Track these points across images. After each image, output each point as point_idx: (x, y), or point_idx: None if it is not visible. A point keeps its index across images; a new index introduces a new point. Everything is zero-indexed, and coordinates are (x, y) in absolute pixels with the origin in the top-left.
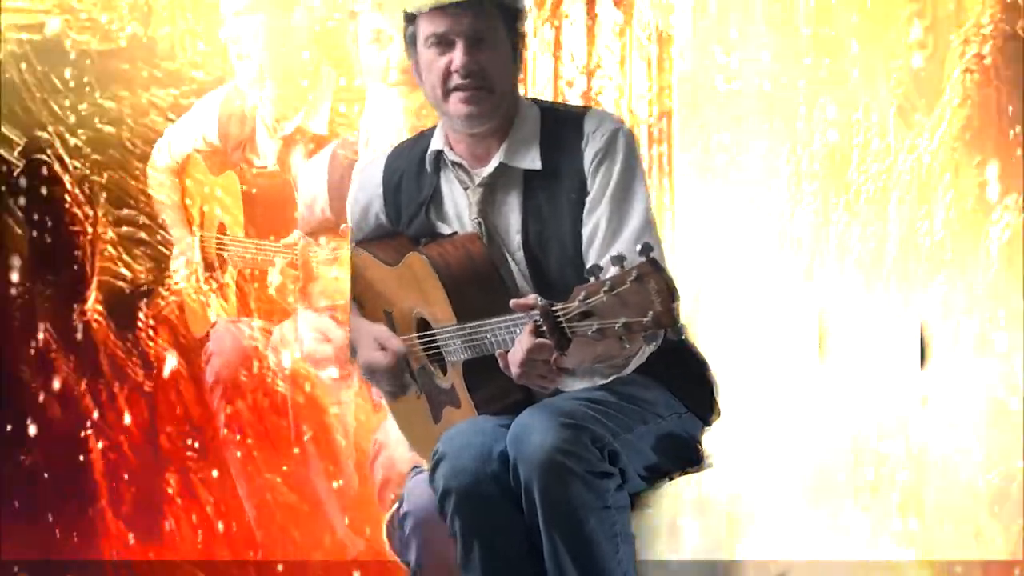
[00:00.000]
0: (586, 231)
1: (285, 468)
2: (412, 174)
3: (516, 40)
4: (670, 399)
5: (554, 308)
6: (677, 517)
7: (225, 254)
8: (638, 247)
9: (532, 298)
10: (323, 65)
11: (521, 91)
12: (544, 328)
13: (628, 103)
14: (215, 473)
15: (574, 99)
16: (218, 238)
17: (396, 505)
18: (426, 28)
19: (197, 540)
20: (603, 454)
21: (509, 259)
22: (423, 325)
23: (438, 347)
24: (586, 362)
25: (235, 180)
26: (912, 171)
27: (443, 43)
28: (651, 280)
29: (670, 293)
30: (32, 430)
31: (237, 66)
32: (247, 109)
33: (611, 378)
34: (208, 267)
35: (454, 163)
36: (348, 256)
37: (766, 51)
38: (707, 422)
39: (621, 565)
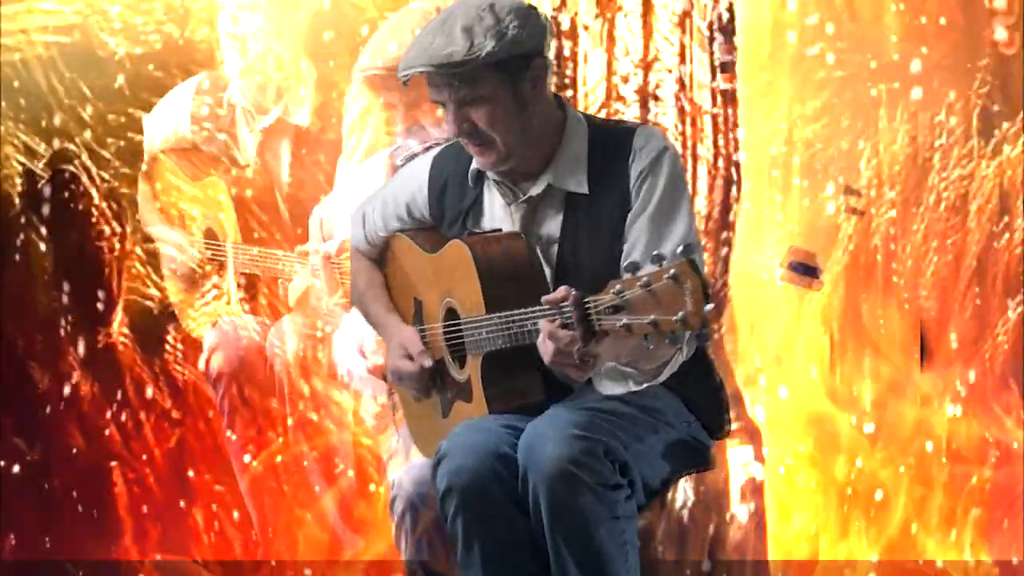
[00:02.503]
0: (626, 246)
1: (281, 460)
2: (457, 181)
3: (523, 76)
4: (680, 408)
5: (585, 300)
6: None
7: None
8: (679, 248)
9: (563, 290)
10: (302, 59)
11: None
12: (571, 319)
13: (689, 94)
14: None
15: (629, 95)
16: (213, 244)
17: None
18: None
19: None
20: (615, 466)
21: (545, 269)
22: (451, 315)
23: (461, 338)
24: (622, 358)
25: (221, 185)
26: (994, 177)
27: (439, 103)
28: (688, 280)
29: (704, 295)
30: (54, 459)
31: (227, 55)
32: (225, 101)
33: (644, 385)
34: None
35: (497, 181)
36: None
37: (844, 42)
38: (716, 436)
39: (629, 574)
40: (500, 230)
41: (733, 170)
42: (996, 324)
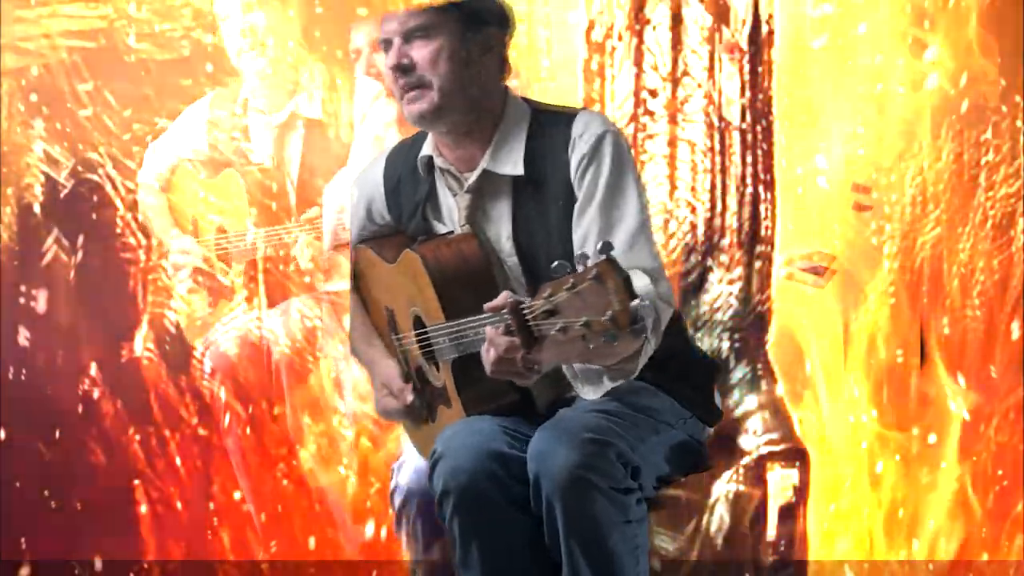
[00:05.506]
0: (576, 237)
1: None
2: (408, 176)
3: (476, 41)
4: (675, 405)
5: (521, 306)
6: None
7: (234, 249)
8: (598, 245)
9: (503, 297)
10: (309, 55)
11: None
12: (512, 326)
13: (718, 110)
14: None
15: (658, 109)
16: (218, 240)
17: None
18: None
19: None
20: (627, 470)
21: (504, 263)
22: (418, 323)
23: (430, 345)
24: (572, 359)
25: (235, 176)
26: None
27: (387, 46)
28: (609, 280)
29: (628, 293)
30: (75, 478)
31: (239, 57)
32: (238, 106)
33: (620, 382)
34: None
35: (442, 169)
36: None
37: (882, 55)
38: (710, 425)
39: None
40: (452, 232)
41: (762, 188)
42: None
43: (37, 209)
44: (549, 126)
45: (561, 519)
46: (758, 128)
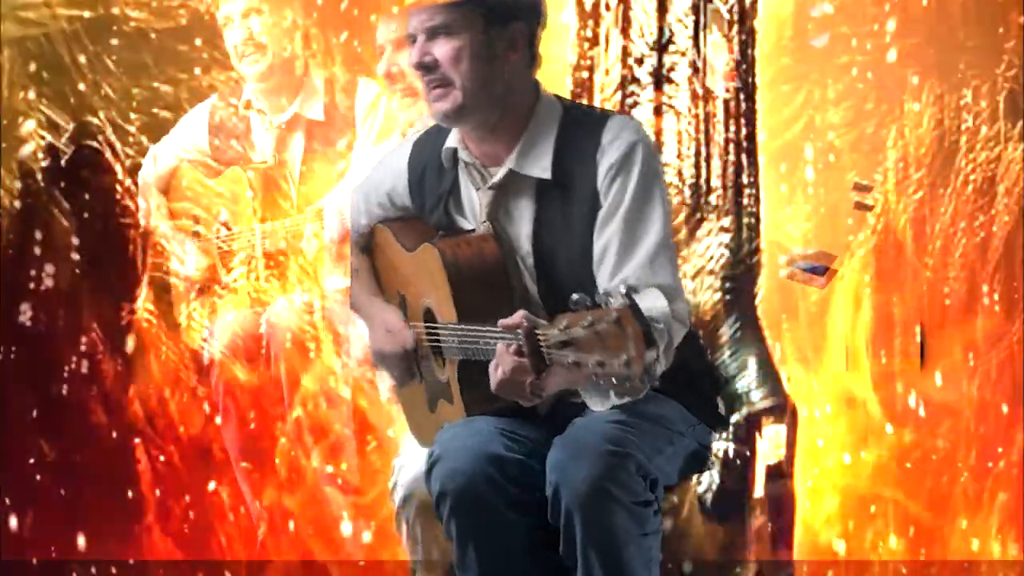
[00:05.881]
0: (597, 247)
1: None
2: (434, 166)
3: (502, 37)
4: (684, 412)
5: (537, 331)
6: None
7: (238, 245)
8: (623, 288)
9: (519, 316)
10: (310, 57)
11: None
12: (524, 349)
13: (702, 79)
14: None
15: (643, 77)
16: (223, 238)
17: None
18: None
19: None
20: (646, 482)
21: (520, 263)
22: (429, 316)
23: (439, 340)
24: (576, 386)
25: (240, 174)
26: (1021, 160)
27: (412, 41)
28: (628, 326)
29: (645, 342)
30: (76, 437)
31: (240, 61)
32: (240, 109)
33: (625, 399)
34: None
35: (467, 163)
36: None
37: (868, 25)
38: (716, 430)
39: None
40: (474, 230)
41: (744, 156)
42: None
43: (39, 175)
44: (579, 128)
45: (580, 530)
46: (741, 97)
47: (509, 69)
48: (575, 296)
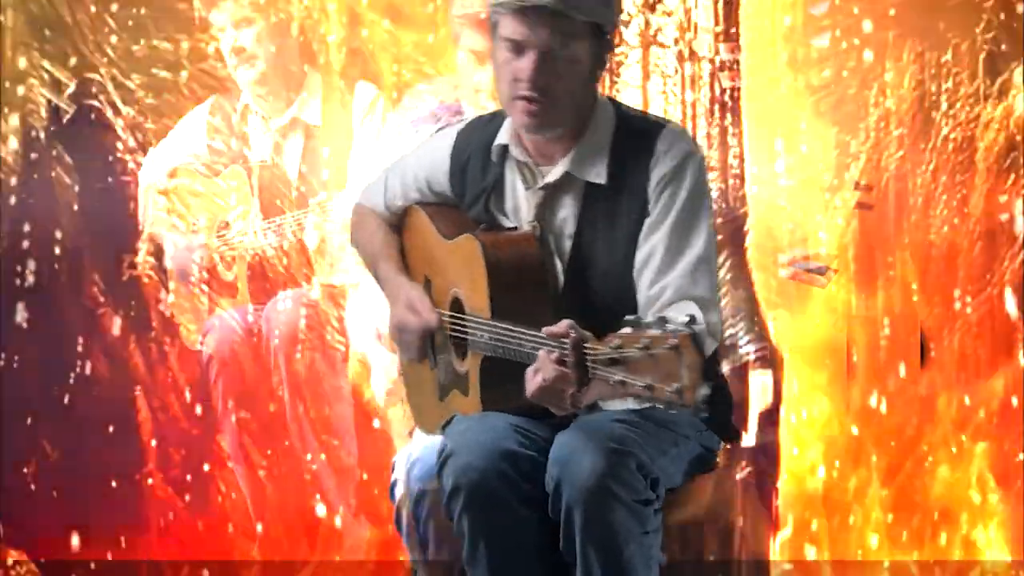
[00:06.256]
0: (641, 254)
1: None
2: (479, 158)
3: (601, 53)
4: (691, 417)
5: (585, 345)
6: None
7: (238, 243)
8: (686, 317)
9: (564, 326)
10: (305, 64)
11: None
12: (569, 360)
13: (689, 41)
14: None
15: (631, 39)
16: (223, 236)
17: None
18: (504, 29)
19: (248, 508)
20: (647, 481)
21: (557, 262)
22: (456, 305)
23: (465, 331)
24: (606, 399)
25: (242, 173)
26: (1000, 119)
27: (516, 49)
28: (686, 355)
29: (700, 374)
30: (79, 388)
31: (235, 70)
32: (237, 112)
33: (645, 406)
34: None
35: (519, 161)
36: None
37: None
38: (725, 440)
39: None
40: (516, 228)
41: (730, 116)
42: (1004, 257)
43: (41, 133)
44: (633, 135)
45: (580, 527)
46: (727, 59)
47: (595, 82)
48: (630, 317)
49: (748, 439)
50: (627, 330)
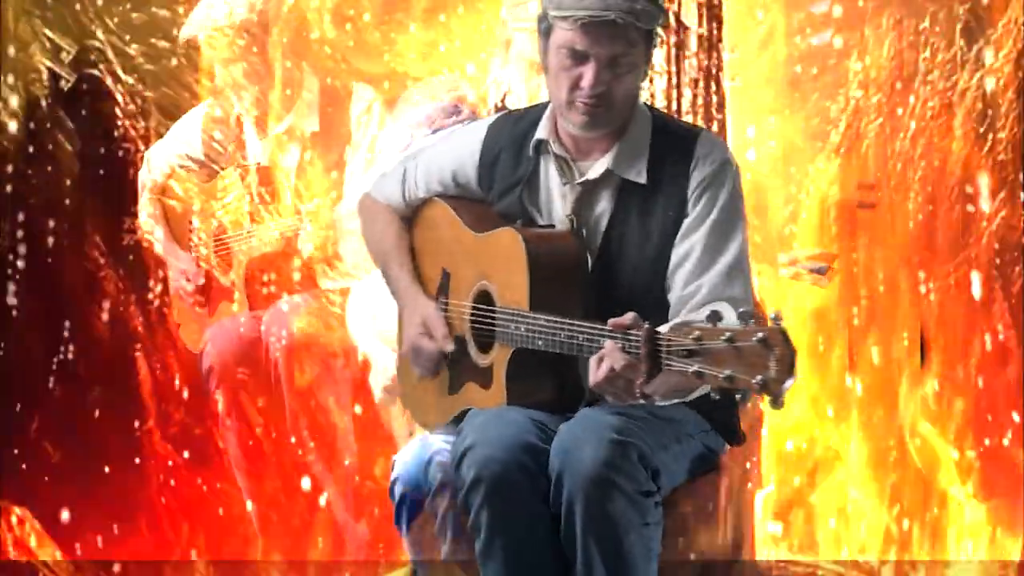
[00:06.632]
0: (677, 253)
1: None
2: (512, 152)
3: (651, 54)
4: (697, 417)
5: (657, 336)
6: None
7: (236, 247)
8: (772, 313)
9: (631, 318)
10: (304, 67)
11: None
12: (640, 352)
13: (676, 13)
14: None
15: None
16: (220, 239)
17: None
18: (563, 36)
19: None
20: (648, 472)
21: (588, 256)
22: (483, 298)
23: (491, 325)
24: (666, 390)
25: (235, 176)
26: (976, 88)
27: (577, 57)
28: (777, 348)
29: (789, 368)
30: (80, 348)
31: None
32: (232, 117)
33: (672, 401)
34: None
35: (557, 156)
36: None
37: None
38: (731, 443)
39: None
40: (553, 226)
41: (713, 84)
42: (982, 220)
43: (43, 100)
44: (671, 139)
45: (580, 517)
46: (712, 28)
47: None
48: (709, 311)
49: None
50: (703, 323)
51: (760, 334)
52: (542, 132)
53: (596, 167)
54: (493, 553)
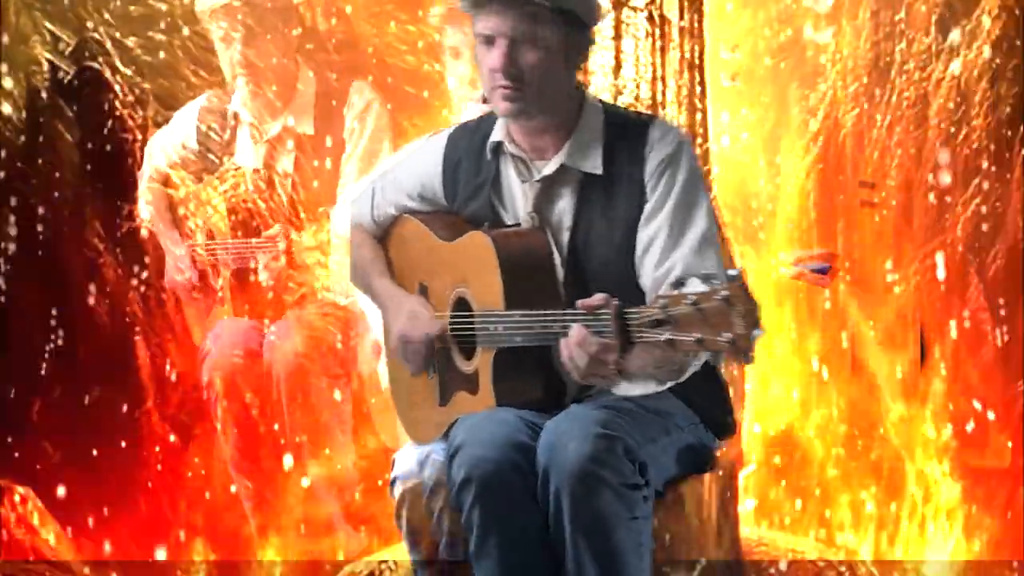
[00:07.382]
0: (643, 237)
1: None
2: (472, 158)
3: (575, 39)
4: (687, 410)
5: (626, 311)
6: None
7: (222, 255)
8: (731, 271)
9: (600, 298)
10: (302, 67)
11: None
12: (609, 328)
13: (660, 5)
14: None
15: (603, 2)
16: (208, 245)
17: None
18: (476, 25)
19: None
20: (635, 466)
21: (556, 253)
22: (461, 306)
23: (471, 330)
24: (646, 368)
25: (217, 184)
26: (951, 79)
27: (488, 42)
28: (739, 304)
29: (754, 321)
30: (80, 333)
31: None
32: (229, 114)
33: (667, 384)
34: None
35: (514, 156)
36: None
37: None
38: (722, 437)
39: (644, 575)
40: (519, 225)
41: (697, 75)
42: (956, 206)
43: (43, 92)
44: (624, 128)
45: (568, 512)
46: (694, 19)
47: (572, 75)
48: (674, 280)
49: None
50: (669, 291)
51: (722, 293)
52: (497, 135)
53: (551, 164)
54: (486, 552)
